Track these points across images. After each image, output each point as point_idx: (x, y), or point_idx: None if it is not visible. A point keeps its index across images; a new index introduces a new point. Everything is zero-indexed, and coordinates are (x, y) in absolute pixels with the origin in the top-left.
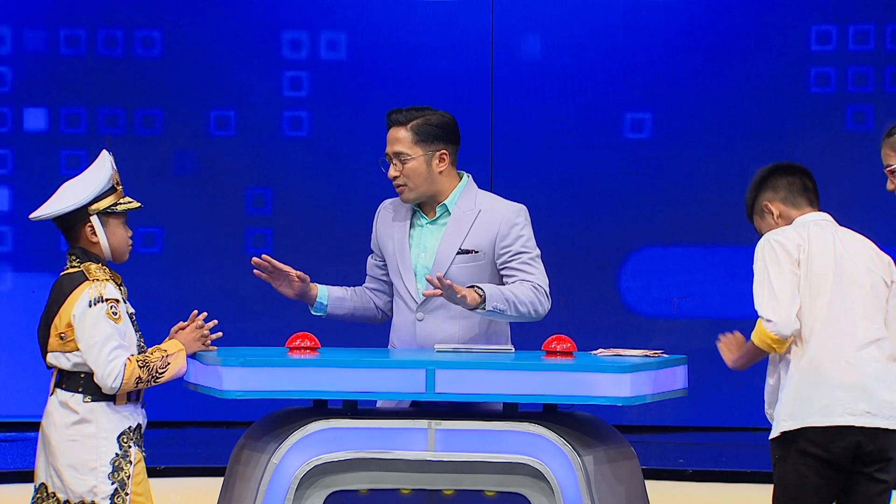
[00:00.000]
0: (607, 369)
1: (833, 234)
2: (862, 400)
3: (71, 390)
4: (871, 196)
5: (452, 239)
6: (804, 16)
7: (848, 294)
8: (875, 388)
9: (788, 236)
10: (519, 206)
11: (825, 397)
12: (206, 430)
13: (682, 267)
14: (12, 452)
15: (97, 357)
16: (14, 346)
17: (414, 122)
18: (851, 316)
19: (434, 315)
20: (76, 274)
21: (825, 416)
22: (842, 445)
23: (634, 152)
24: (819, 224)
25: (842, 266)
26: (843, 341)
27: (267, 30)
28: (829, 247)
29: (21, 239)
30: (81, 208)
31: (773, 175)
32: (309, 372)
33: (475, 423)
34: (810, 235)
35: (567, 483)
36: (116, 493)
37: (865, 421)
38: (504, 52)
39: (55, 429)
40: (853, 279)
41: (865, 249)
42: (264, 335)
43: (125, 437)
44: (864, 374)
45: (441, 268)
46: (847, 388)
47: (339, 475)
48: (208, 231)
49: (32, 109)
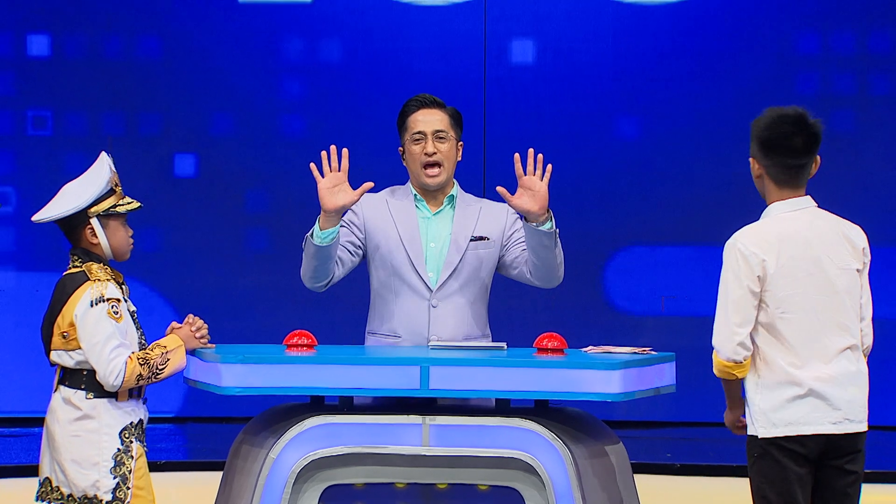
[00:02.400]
0: (597, 366)
1: (807, 232)
2: (835, 409)
3: (74, 387)
4: (854, 196)
5: (464, 227)
6: (789, 22)
7: (821, 303)
8: (847, 394)
9: (755, 246)
10: None
11: (798, 410)
12: (205, 426)
13: (669, 266)
14: (16, 447)
15: (99, 356)
16: (18, 343)
17: (447, 108)
18: (825, 326)
19: (448, 301)
20: (78, 274)
21: (799, 427)
22: (814, 444)
23: (624, 154)
24: (795, 218)
25: (816, 273)
26: (815, 353)
27: (265, 35)
28: (800, 252)
29: (24, 239)
30: (81, 211)
31: (775, 137)
32: (306, 369)
33: (468, 419)
34: (781, 242)
35: (558, 477)
36: (118, 487)
37: (837, 428)
38: (496, 57)
39: (59, 425)
40: (827, 286)
41: (840, 243)
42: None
43: (127, 433)
44: (837, 384)
45: (458, 253)
46: (820, 399)
47: (335, 469)
48: (207, 231)
49: (35, 112)
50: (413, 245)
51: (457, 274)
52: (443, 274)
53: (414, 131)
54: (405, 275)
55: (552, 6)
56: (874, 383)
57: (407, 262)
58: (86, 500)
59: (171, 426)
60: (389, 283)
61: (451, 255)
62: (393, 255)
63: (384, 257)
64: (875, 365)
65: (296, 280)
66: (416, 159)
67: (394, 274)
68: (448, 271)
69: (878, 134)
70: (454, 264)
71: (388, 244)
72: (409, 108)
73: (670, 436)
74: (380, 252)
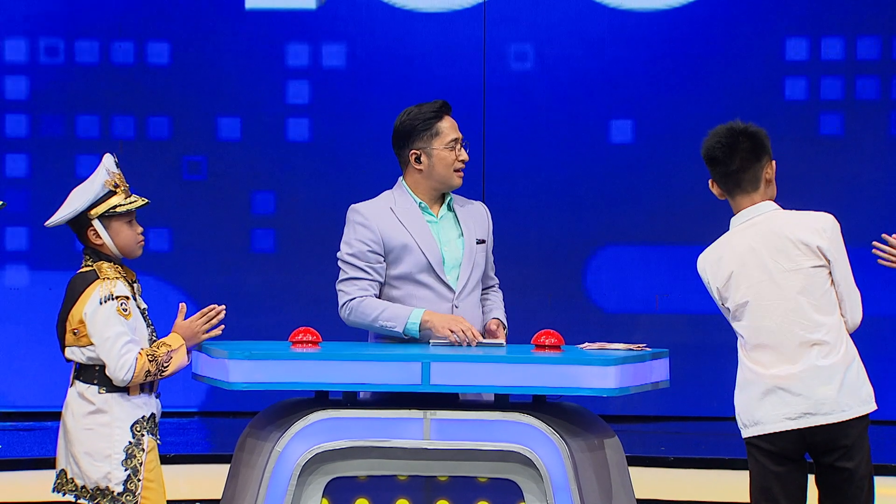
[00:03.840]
0: (593, 362)
1: (753, 241)
2: (799, 404)
3: (87, 382)
4: (842, 198)
5: (470, 230)
6: (779, 28)
7: (775, 307)
8: (812, 388)
9: (701, 268)
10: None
11: (763, 409)
12: (213, 420)
13: (663, 265)
14: (30, 441)
15: (109, 351)
16: (32, 340)
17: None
18: (782, 327)
19: (467, 301)
20: (88, 273)
21: (764, 426)
22: (784, 443)
23: (618, 156)
24: (744, 230)
25: (765, 279)
26: (778, 354)
27: (271, 41)
28: (746, 262)
29: (37, 239)
30: (81, 214)
31: (711, 148)
32: (311, 365)
33: (468, 414)
34: (722, 259)
35: (555, 470)
36: (129, 479)
37: (803, 422)
38: (496, 62)
39: (73, 418)
40: (776, 290)
41: (787, 246)
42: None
43: (138, 426)
44: (801, 380)
45: (471, 254)
46: (779, 397)
47: (339, 462)
48: (215, 231)
49: (49, 116)
50: (432, 250)
51: (474, 274)
52: (462, 275)
53: (450, 138)
54: (427, 280)
55: (550, 14)
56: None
57: (428, 267)
58: (98, 491)
59: (180, 420)
60: (411, 290)
61: (467, 257)
62: (413, 262)
63: (403, 266)
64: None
65: (301, 279)
66: (448, 164)
67: (415, 281)
68: (467, 272)
69: (866, 138)
70: (471, 265)
71: (406, 252)
72: (434, 115)
73: (664, 430)
74: (399, 261)
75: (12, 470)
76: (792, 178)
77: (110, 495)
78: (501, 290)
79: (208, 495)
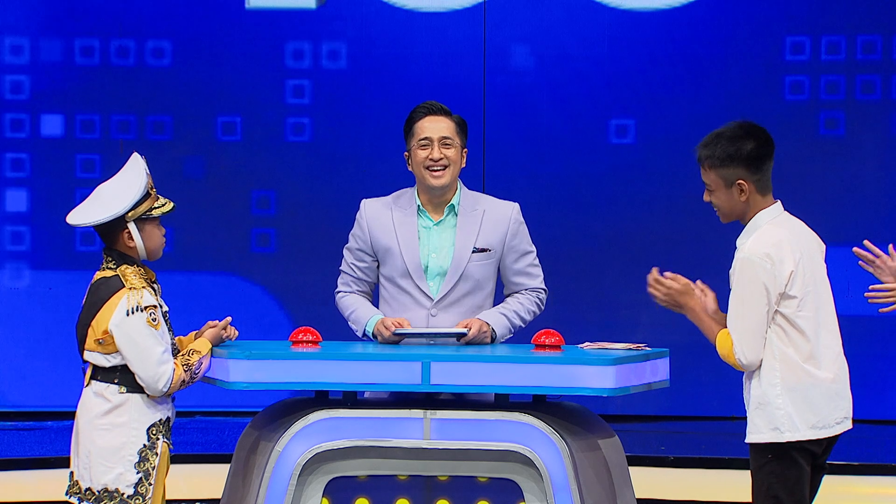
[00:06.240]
0: (593, 362)
1: (800, 237)
2: (841, 409)
3: (107, 381)
4: (842, 198)
5: (466, 238)
6: (779, 28)
7: (823, 307)
8: (846, 393)
9: (780, 263)
10: (514, 204)
11: (817, 413)
12: (214, 419)
13: (662, 265)
14: (30, 441)
15: (144, 364)
16: (32, 340)
17: (453, 115)
18: (828, 327)
19: (449, 310)
20: (113, 279)
21: (818, 431)
22: (822, 447)
23: (619, 156)
24: (792, 228)
25: (815, 279)
26: (826, 353)
27: (271, 41)
28: (804, 260)
29: (38, 238)
30: (120, 217)
31: (761, 149)
32: (311, 364)
33: (468, 413)
34: (792, 250)
35: (555, 469)
36: (140, 482)
37: (843, 427)
38: (496, 62)
39: (88, 418)
40: (824, 289)
41: (819, 249)
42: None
43: (154, 429)
44: (842, 383)
45: (459, 267)
46: (833, 400)
47: (339, 462)
48: (215, 231)
49: (49, 116)
50: (412, 256)
51: (460, 285)
52: (444, 285)
53: (420, 137)
54: (404, 284)
55: (550, 14)
56: (867, 379)
57: (405, 272)
58: (105, 493)
59: (180, 419)
60: (394, 292)
61: (453, 267)
62: (394, 266)
63: (387, 268)
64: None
65: (300, 279)
66: (419, 162)
67: (394, 283)
68: (450, 283)
69: (866, 138)
70: (456, 276)
71: (389, 256)
72: (416, 115)
73: (664, 429)
74: (384, 263)
75: (12, 470)
76: (792, 177)
77: (119, 497)
78: (501, 287)
79: (208, 495)
